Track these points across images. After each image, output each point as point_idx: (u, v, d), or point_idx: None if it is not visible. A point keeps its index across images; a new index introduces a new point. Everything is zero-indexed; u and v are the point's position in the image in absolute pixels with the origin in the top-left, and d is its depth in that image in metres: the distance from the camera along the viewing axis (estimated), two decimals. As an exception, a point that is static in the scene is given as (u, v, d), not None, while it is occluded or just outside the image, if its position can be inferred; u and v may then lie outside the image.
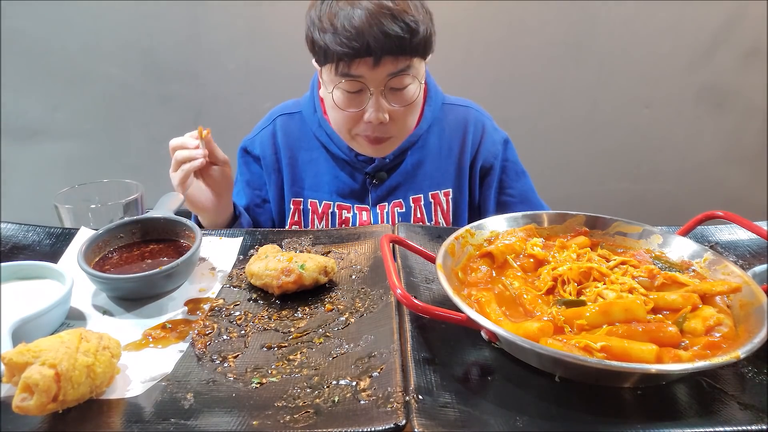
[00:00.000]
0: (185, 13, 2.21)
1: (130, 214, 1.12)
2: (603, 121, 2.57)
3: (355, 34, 1.10)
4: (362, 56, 1.12)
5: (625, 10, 2.34)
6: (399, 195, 1.35)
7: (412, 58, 1.18)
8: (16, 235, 1.00)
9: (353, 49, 1.11)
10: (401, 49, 1.14)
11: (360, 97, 1.20)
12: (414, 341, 0.72)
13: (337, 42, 1.12)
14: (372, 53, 1.12)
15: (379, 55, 1.12)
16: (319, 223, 1.36)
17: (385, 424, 0.58)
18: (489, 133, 1.41)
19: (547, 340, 0.66)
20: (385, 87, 1.18)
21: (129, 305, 0.84)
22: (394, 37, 1.11)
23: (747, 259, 1.00)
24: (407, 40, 1.13)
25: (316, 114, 1.35)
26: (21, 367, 0.60)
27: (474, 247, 0.88)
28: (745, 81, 2.50)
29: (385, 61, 1.14)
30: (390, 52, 1.13)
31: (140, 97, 2.35)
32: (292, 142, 1.38)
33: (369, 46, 1.11)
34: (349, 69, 1.15)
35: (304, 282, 0.86)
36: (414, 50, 1.16)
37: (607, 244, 0.92)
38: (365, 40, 1.10)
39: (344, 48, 1.11)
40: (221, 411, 0.62)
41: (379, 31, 1.10)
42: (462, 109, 1.41)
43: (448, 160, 1.37)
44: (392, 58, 1.14)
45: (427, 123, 1.34)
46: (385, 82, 1.17)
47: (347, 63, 1.14)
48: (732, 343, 0.67)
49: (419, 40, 1.16)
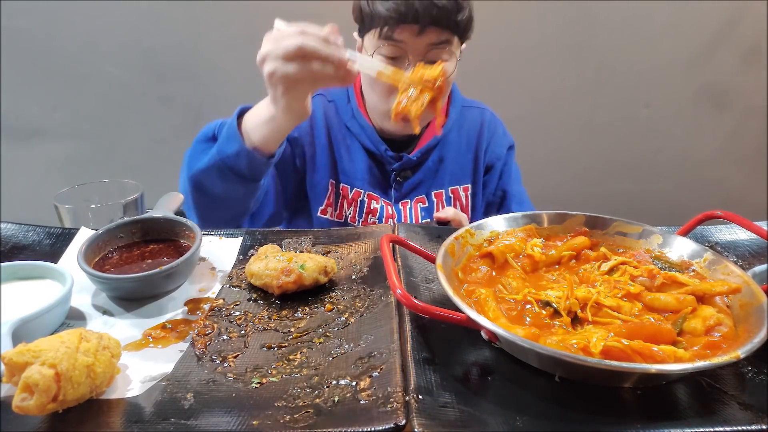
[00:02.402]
0: (185, 13, 2.21)
1: (130, 214, 1.12)
2: (603, 121, 2.57)
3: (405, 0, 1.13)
4: (408, 22, 1.15)
5: (625, 10, 2.34)
6: (422, 191, 1.40)
7: (454, 35, 1.21)
8: (16, 235, 1.00)
9: (399, 14, 1.15)
10: (447, 21, 1.17)
11: (399, 63, 1.21)
12: (414, 341, 0.72)
13: (386, 6, 1.15)
14: (418, 20, 1.15)
15: (425, 24, 1.15)
16: (348, 209, 1.38)
17: (385, 424, 0.58)
18: (499, 136, 1.48)
19: (547, 340, 0.66)
20: (424, 58, 1.19)
21: (129, 305, 0.84)
22: (441, 8, 1.15)
23: (747, 259, 1.00)
24: (454, 14, 1.17)
25: (349, 104, 1.37)
26: (21, 367, 0.60)
27: (474, 247, 0.88)
28: (745, 81, 2.50)
29: (429, 31, 1.17)
30: (435, 22, 1.16)
31: (140, 97, 2.35)
32: (330, 125, 1.39)
33: (416, 13, 1.14)
34: (393, 33, 1.17)
35: (304, 282, 0.86)
36: (457, 26, 1.20)
37: (607, 244, 0.92)
38: (413, 6, 1.13)
39: (392, 12, 1.15)
40: (221, 411, 0.62)
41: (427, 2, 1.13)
42: (478, 111, 1.49)
43: (467, 157, 1.43)
44: (436, 29, 1.17)
45: (450, 123, 1.40)
46: (425, 52, 1.19)
47: (392, 27, 1.17)
48: (732, 343, 0.67)
49: (464, 18, 1.20)
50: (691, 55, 2.45)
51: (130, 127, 2.40)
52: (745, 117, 2.59)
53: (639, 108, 2.55)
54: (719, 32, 2.41)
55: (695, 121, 2.59)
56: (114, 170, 2.39)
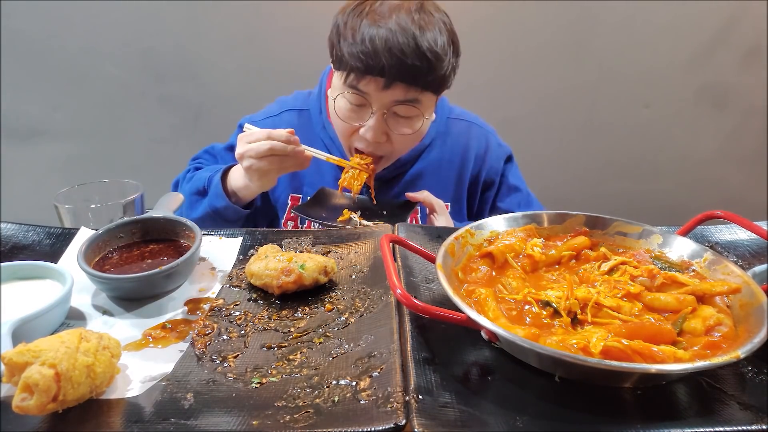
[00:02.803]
0: (185, 13, 2.21)
1: (130, 214, 1.12)
2: (603, 121, 2.57)
3: (371, 52, 1.08)
4: (373, 74, 1.11)
5: (625, 10, 2.34)
6: None
7: (424, 92, 1.15)
8: (16, 235, 1.00)
9: (366, 66, 1.10)
10: (414, 80, 1.12)
11: (362, 111, 1.19)
12: (414, 341, 0.72)
13: (353, 54, 1.10)
14: (384, 75, 1.10)
15: (390, 80, 1.10)
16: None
17: (385, 424, 0.58)
18: (493, 149, 1.41)
19: (547, 340, 0.66)
20: (388, 110, 1.16)
21: (129, 305, 0.84)
22: (410, 67, 1.09)
23: (747, 259, 1.00)
24: (422, 74, 1.11)
25: (321, 115, 1.34)
26: (21, 367, 0.60)
27: (474, 247, 0.88)
28: (745, 81, 2.50)
29: (396, 87, 1.12)
30: (402, 79, 1.11)
31: (140, 97, 2.35)
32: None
33: (382, 68, 1.09)
34: (358, 83, 1.14)
35: (304, 282, 0.86)
36: (427, 85, 1.14)
37: (607, 244, 0.92)
38: (380, 60, 1.08)
39: (357, 62, 1.10)
40: (221, 411, 0.62)
41: (396, 56, 1.07)
42: (465, 125, 1.41)
43: (448, 174, 1.37)
44: (404, 86, 1.12)
45: (430, 137, 1.34)
46: (390, 106, 1.15)
47: (357, 77, 1.13)
48: (732, 343, 0.67)
49: (436, 77, 1.13)
50: (691, 55, 2.45)
51: (130, 127, 2.40)
52: (745, 117, 2.59)
53: (639, 108, 2.55)
54: (719, 32, 2.41)
55: (695, 121, 2.59)
56: (114, 170, 2.39)
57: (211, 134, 2.39)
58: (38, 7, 2.14)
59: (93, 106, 2.34)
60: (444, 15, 1.20)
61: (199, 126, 2.42)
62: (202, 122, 2.42)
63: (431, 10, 1.16)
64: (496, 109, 2.44)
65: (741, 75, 2.49)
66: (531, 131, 2.55)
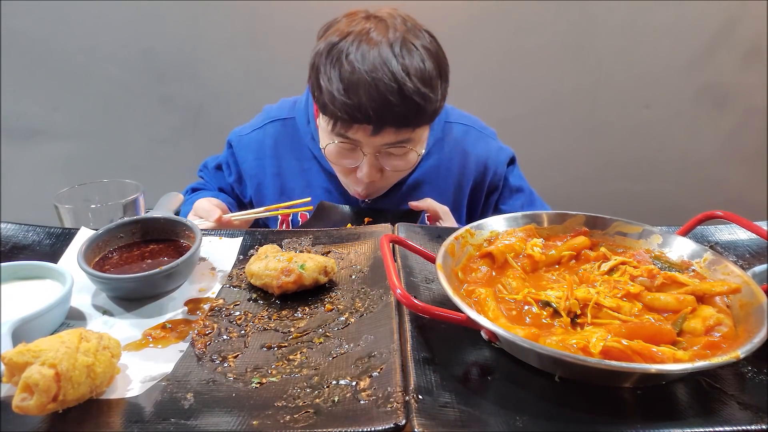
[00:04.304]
0: (185, 13, 2.21)
1: (130, 214, 1.12)
2: (603, 121, 2.57)
3: (356, 104, 1.02)
4: (361, 123, 1.06)
5: (625, 10, 2.34)
6: None
7: (415, 129, 1.12)
8: (16, 235, 1.00)
9: (352, 118, 1.05)
10: (405, 123, 1.07)
11: (354, 153, 1.16)
12: (414, 341, 0.72)
13: (336, 105, 1.04)
14: (371, 123, 1.05)
15: (379, 127, 1.06)
16: None
17: (385, 424, 0.58)
18: (494, 154, 1.37)
19: (547, 340, 0.66)
20: (380, 151, 1.14)
21: (129, 305, 0.84)
22: (398, 113, 1.04)
23: (747, 259, 1.00)
24: (412, 117, 1.06)
25: (309, 126, 1.31)
26: (21, 367, 0.60)
27: (474, 247, 0.88)
28: (745, 81, 2.50)
29: (385, 132, 1.08)
30: (392, 125, 1.07)
31: (140, 97, 2.35)
32: (282, 150, 1.34)
33: (369, 117, 1.04)
34: (346, 132, 1.10)
35: (304, 282, 0.86)
36: (418, 124, 1.11)
37: (607, 244, 0.92)
38: (366, 111, 1.03)
39: (342, 113, 1.05)
40: (221, 411, 0.62)
41: (382, 104, 1.02)
42: (463, 129, 1.37)
43: (446, 181, 1.34)
44: (393, 129, 1.08)
45: (428, 145, 1.30)
46: (381, 148, 1.13)
47: (344, 127, 1.09)
48: (732, 343, 0.67)
49: (426, 115, 1.09)
50: (691, 55, 2.45)
51: (130, 127, 2.40)
52: (745, 117, 2.59)
53: (639, 108, 2.55)
54: (719, 32, 2.41)
55: (695, 121, 2.59)
56: (114, 170, 2.39)
57: (211, 134, 2.40)
58: (38, 7, 2.14)
59: (93, 106, 2.34)
60: (426, 38, 1.11)
61: (199, 126, 2.42)
62: (202, 122, 2.42)
63: (412, 41, 1.07)
64: (497, 109, 2.44)
65: (741, 75, 2.49)
66: (531, 131, 2.54)
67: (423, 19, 1.21)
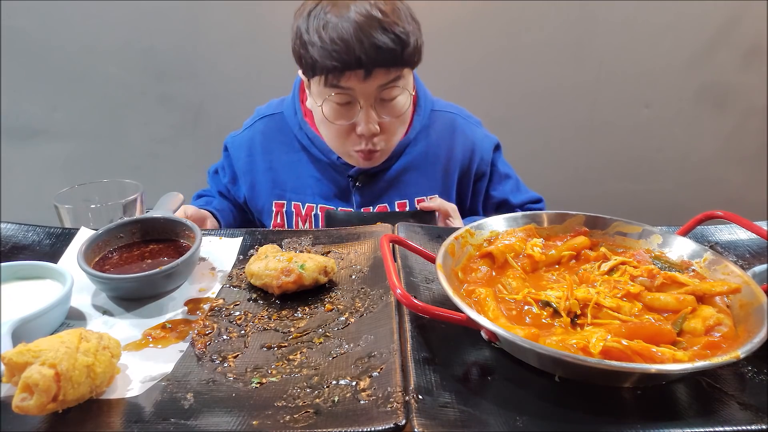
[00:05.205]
0: (185, 13, 2.21)
1: (130, 214, 1.12)
2: (603, 121, 2.57)
3: (344, 47, 1.08)
4: (352, 69, 1.11)
5: (625, 9, 2.34)
6: (384, 200, 1.36)
7: (403, 69, 1.17)
8: (16, 235, 1.00)
9: (343, 63, 1.10)
10: (393, 60, 1.13)
11: (350, 109, 1.19)
12: (414, 341, 0.72)
13: (326, 56, 1.10)
14: (362, 66, 1.10)
15: (370, 68, 1.11)
16: (303, 225, 1.37)
17: (385, 424, 0.58)
18: (480, 140, 1.42)
19: (547, 340, 0.66)
20: (375, 99, 1.17)
21: (129, 305, 0.84)
22: (385, 50, 1.10)
23: (747, 259, 1.00)
24: (398, 52, 1.12)
25: (296, 116, 1.35)
26: (21, 367, 0.60)
27: (474, 247, 0.88)
28: (745, 81, 2.50)
29: (376, 74, 1.13)
30: (381, 64, 1.12)
31: (140, 97, 2.35)
32: (272, 144, 1.38)
33: (359, 59, 1.09)
34: (339, 81, 1.14)
35: (304, 282, 0.86)
36: (405, 61, 1.16)
37: (607, 244, 0.92)
38: (355, 53, 1.08)
39: (333, 61, 1.10)
40: (221, 411, 0.62)
41: (369, 43, 1.08)
42: (449, 116, 1.41)
43: (434, 167, 1.37)
44: (383, 70, 1.13)
45: (415, 131, 1.34)
46: (375, 94, 1.16)
47: (337, 76, 1.13)
48: (732, 343, 0.67)
49: (410, 51, 1.15)
50: (691, 55, 2.45)
51: (130, 127, 2.40)
52: (745, 117, 2.59)
53: (639, 108, 2.55)
54: (719, 32, 2.41)
55: (695, 121, 2.59)
56: (114, 170, 2.39)
57: (211, 134, 2.40)
58: (38, 7, 2.14)
59: (93, 105, 2.34)
60: None
61: (199, 126, 2.42)
62: (202, 122, 2.42)
63: None
64: (496, 109, 2.45)
65: (741, 75, 2.49)
66: (531, 131, 2.55)
67: (422, 17, 1.22)
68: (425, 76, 1.42)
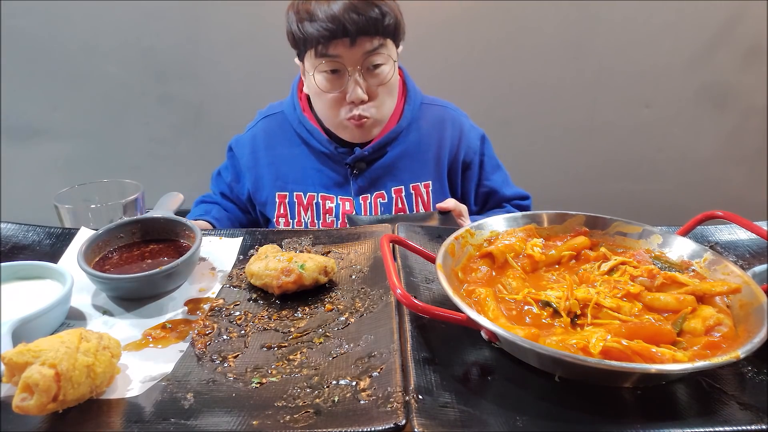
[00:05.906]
0: (185, 13, 2.21)
1: (130, 214, 1.12)
2: (603, 121, 2.57)
3: (332, 18, 1.22)
4: (339, 37, 1.23)
5: (625, 10, 2.34)
6: (381, 187, 1.44)
7: (386, 39, 1.29)
8: (16, 235, 1.00)
9: (330, 32, 1.22)
10: (375, 29, 1.25)
11: (339, 79, 1.30)
12: (414, 341, 0.72)
13: (317, 28, 1.23)
14: (348, 34, 1.23)
15: (355, 35, 1.23)
16: (305, 214, 1.45)
17: (385, 424, 0.58)
18: (467, 132, 1.52)
19: (547, 340, 0.66)
20: (362, 66, 1.28)
21: (129, 305, 0.84)
22: (367, 18, 1.23)
23: (747, 259, 1.00)
24: (380, 21, 1.25)
25: (296, 112, 1.45)
26: (21, 367, 0.60)
27: (474, 247, 0.88)
28: (745, 81, 2.50)
29: (361, 41, 1.24)
30: (365, 32, 1.24)
31: (140, 97, 2.35)
32: (274, 141, 1.47)
33: (345, 28, 1.22)
34: (327, 50, 1.26)
35: (304, 282, 0.86)
36: (386, 31, 1.28)
37: (607, 244, 0.92)
38: (341, 22, 1.21)
39: (323, 31, 1.23)
40: (221, 411, 0.62)
41: (354, 13, 1.22)
42: (439, 109, 1.52)
43: (426, 155, 1.47)
44: (367, 37, 1.25)
45: (406, 120, 1.44)
46: (361, 61, 1.27)
47: (325, 45, 1.25)
48: (732, 343, 0.67)
49: (391, 23, 1.27)
50: (691, 55, 2.45)
51: (130, 127, 2.40)
52: (745, 117, 2.59)
53: (639, 108, 2.55)
54: (719, 32, 2.41)
55: (695, 121, 2.59)
56: (114, 170, 2.39)
57: (211, 134, 2.40)
58: (38, 7, 2.14)
59: (93, 105, 2.34)
60: None
61: (199, 126, 2.42)
62: (202, 122, 2.42)
63: None
64: (496, 109, 2.45)
65: (741, 75, 2.49)
66: (531, 131, 2.55)
67: (421, 17, 1.24)
68: (426, 75, 1.43)
